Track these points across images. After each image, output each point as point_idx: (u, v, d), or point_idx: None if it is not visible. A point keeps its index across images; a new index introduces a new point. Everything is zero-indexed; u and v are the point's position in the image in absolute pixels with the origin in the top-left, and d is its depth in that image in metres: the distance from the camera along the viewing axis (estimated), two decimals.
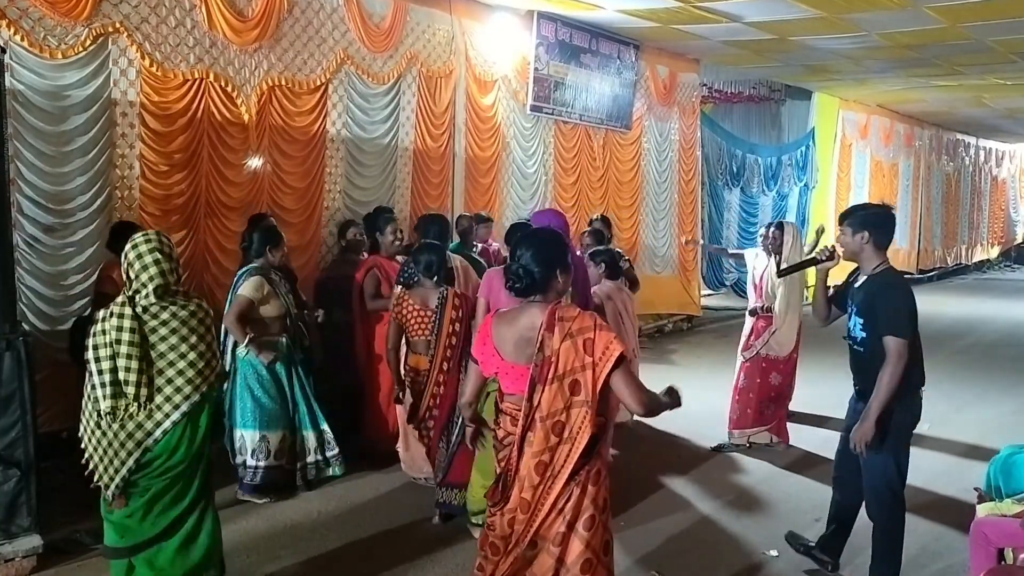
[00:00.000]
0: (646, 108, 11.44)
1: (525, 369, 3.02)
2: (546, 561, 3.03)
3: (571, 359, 2.94)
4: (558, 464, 2.99)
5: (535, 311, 3.05)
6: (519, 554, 3.05)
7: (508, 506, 3.07)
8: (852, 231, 4.10)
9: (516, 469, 3.04)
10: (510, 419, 3.11)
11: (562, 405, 2.96)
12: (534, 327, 3.01)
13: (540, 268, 3.06)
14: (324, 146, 7.43)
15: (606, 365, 2.93)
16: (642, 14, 9.32)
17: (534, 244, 3.13)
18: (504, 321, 3.14)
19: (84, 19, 5.72)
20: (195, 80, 6.39)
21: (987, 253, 25.52)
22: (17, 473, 4.26)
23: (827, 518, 4.55)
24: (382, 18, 7.81)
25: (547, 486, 3.00)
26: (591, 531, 3.03)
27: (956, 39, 10.08)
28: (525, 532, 3.03)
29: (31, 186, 5.58)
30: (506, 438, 3.12)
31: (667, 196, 12.10)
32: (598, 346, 2.94)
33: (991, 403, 8.23)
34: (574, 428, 2.97)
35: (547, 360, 2.96)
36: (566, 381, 2.95)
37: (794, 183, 15.33)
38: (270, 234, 5.49)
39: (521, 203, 9.68)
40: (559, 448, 2.99)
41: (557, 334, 2.96)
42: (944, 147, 21.77)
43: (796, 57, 11.59)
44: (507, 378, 3.12)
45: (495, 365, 3.14)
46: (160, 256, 3.52)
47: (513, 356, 3.07)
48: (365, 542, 4.80)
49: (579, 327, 2.96)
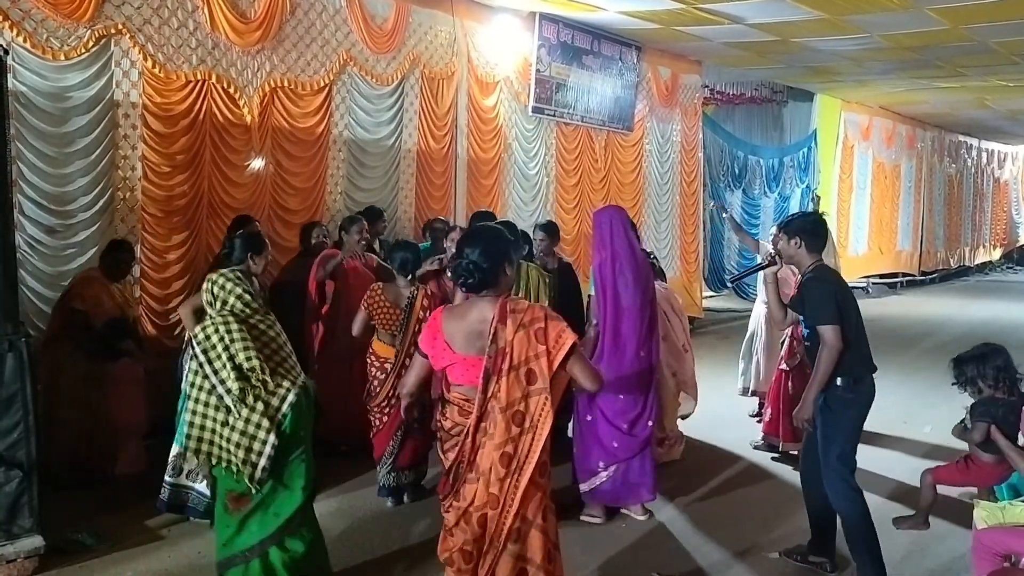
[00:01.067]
0: (648, 110, 11.44)
1: (476, 360, 3.06)
2: (507, 562, 3.04)
3: (525, 349, 3.01)
4: (522, 454, 3.03)
5: (485, 305, 3.11)
6: (496, 556, 3.03)
7: (475, 504, 3.06)
8: (787, 238, 4.42)
9: (471, 461, 3.07)
10: (458, 409, 3.15)
11: (520, 394, 3.02)
12: (485, 320, 3.07)
13: (488, 263, 3.10)
14: (327, 147, 7.43)
15: (559, 353, 3.00)
16: (644, 15, 9.31)
17: (480, 240, 3.18)
18: (454, 316, 3.18)
19: (86, 21, 5.73)
20: (197, 81, 6.40)
21: (989, 255, 25.50)
22: (19, 474, 4.26)
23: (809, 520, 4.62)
24: (384, 19, 7.82)
25: (514, 479, 3.02)
26: (546, 522, 3.10)
27: (958, 41, 10.08)
28: (499, 530, 3.03)
29: (33, 187, 5.59)
30: (454, 428, 3.16)
31: (669, 198, 12.09)
32: (550, 335, 3.01)
33: None
34: (535, 417, 3.02)
35: (500, 351, 3.02)
36: (521, 371, 3.02)
37: (796, 185, 15.32)
38: (254, 240, 5.09)
39: (523, 204, 9.68)
40: (521, 438, 3.03)
41: (510, 325, 3.02)
42: (946, 149, 21.76)
43: (798, 59, 11.59)
44: (457, 370, 3.15)
45: (447, 359, 3.16)
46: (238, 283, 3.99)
47: (464, 349, 3.11)
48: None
49: (531, 318, 3.04)
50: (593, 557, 4.66)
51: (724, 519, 5.28)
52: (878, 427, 7.36)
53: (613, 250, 5.02)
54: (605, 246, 5.06)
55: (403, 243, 5.33)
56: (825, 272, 4.39)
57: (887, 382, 9.32)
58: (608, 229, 5.06)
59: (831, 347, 4.13)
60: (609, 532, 5.00)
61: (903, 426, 7.47)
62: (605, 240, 5.06)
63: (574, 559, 4.62)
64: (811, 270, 4.37)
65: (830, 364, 4.14)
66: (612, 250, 5.02)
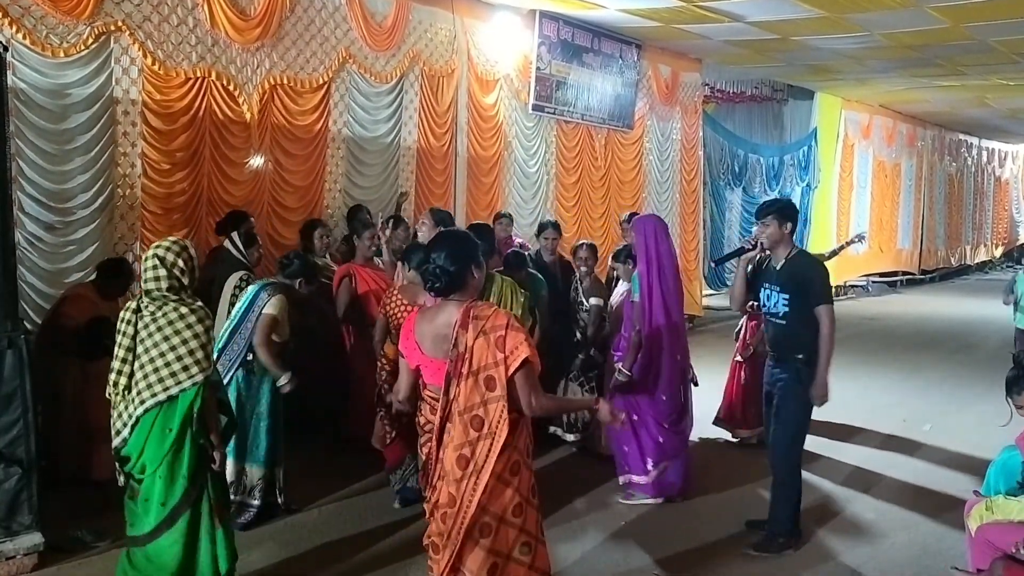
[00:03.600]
0: (648, 108, 11.43)
1: (443, 363, 3.14)
2: (479, 556, 3.09)
3: (485, 355, 3.06)
4: (480, 459, 3.07)
5: (452, 308, 3.17)
6: (453, 551, 3.09)
7: (439, 503, 3.14)
8: (778, 223, 4.65)
9: (437, 460, 3.16)
10: (430, 408, 3.30)
11: (479, 399, 3.07)
12: (450, 324, 3.13)
13: (455, 266, 3.18)
14: (326, 145, 7.43)
15: (512, 364, 3.04)
16: (644, 13, 9.31)
17: (446, 244, 3.26)
18: (425, 319, 3.26)
19: (86, 17, 5.72)
20: (197, 79, 6.39)
21: (990, 254, 25.49)
22: (19, 471, 4.27)
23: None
24: (384, 17, 7.81)
25: (471, 481, 3.08)
26: (521, 517, 3.15)
27: (959, 39, 10.07)
28: (457, 528, 3.09)
29: (33, 184, 5.58)
30: (427, 425, 3.33)
31: (669, 196, 12.09)
32: (508, 344, 3.05)
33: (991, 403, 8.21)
34: (492, 423, 3.06)
35: (460, 356, 3.08)
36: (481, 377, 3.07)
37: (796, 183, 15.32)
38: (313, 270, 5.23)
39: (523, 202, 9.67)
40: (479, 443, 3.07)
41: (471, 331, 3.07)
42: (947, 147, 21.75)
43: (798, 57, 11.58)
44: (427, 371, 3.27)
45: (416, 359, 3.27)
46: (157, 262, 3.70)
47: (432, 351, 3.20)
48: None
49: (492, 325, 3.07)
50: (592, 554, 4.66)
51: (725, 515, 5.29)
52: (877, 426, 7.39)
53: (658, 257, 5.33)
54: (650, 254, 5.36)
55: (419, 244, 5.28)
56: (815, 257, 4.79)
57: (887, 380, 9.40)
58: (653, 238, 5.37)
59: (831, 324, 4.54)
60: (608, 528, 5.01)
61: (902, 424, 7.48)
62: (650, 248, 5.37)
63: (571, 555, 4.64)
64: (798, 253, 4.75)
65: (833, 340, 4.56)
66: (657, 257, 5.34)
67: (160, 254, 3.71)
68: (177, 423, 3.65)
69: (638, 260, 5.43)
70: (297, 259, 5.23)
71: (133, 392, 3.66)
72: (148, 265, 3.71)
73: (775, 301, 4.70)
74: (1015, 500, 3.89)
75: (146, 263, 3.73)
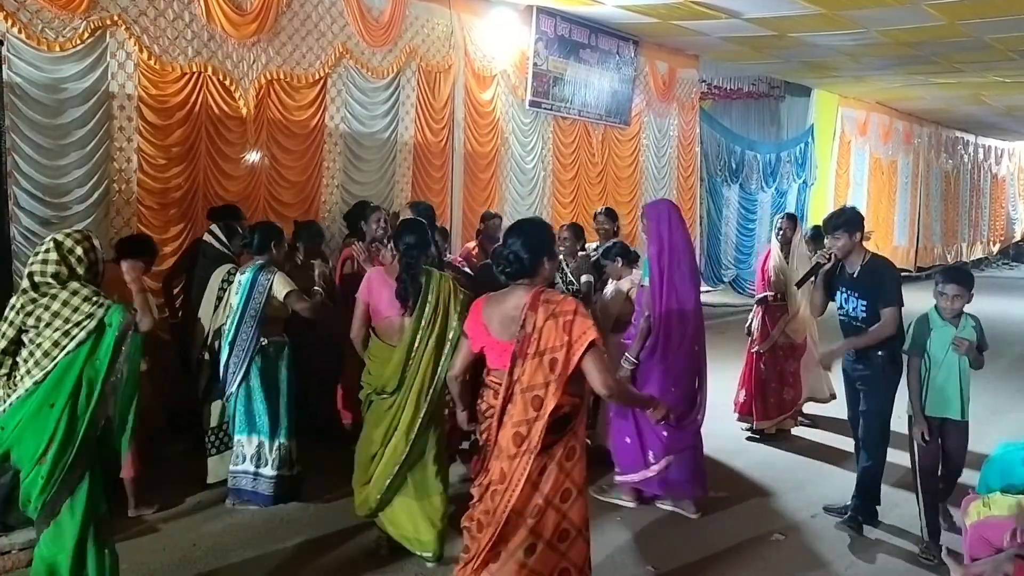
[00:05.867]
0: (645, 104, 11.44)
1: (509, 345, 3.23)
2: (521, 534, 3.18)
3: (552, 338, 3.16)
4: (533, 438, 3.16)
5: (521, 292, 3.29)
6: (497, 528, 3.17)
7: (493, 479, 3.22)
8: (848, 234, 4.89)
9: (495, 440, 3.24)
10: (492, 392, 3.33)
11: (541, 380, 3.16)
12: (519, 307, 3.24)
13: (528, 254, 3.30)
14: (323, 140, 7.42)
15: (579, 348, 3.13)
16: (641, 9, 9.31)
17: (523, 232, 3.38)
18: (493, 302, 3.37)
19: (82, 12, 5.71)
20: (193, 73, 6.38)
21: (986, 251, 25.54)
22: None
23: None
24: (381, 12, 7.80)
25: (524, 460, 3.17)
26: (568, 503, 3.24)
27: (955, 36, 10.08)
28: (504, 504, 3.17)
29: (28, 179, 5.57)
30: (488, 410, 3.33)
31: (666, 192, 12.08)
32: (576, 329, 3.14)
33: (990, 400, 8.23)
34: (547, 405, 3.15)
35: (527, 336, 3.18)
36: (546, 358, 3.16)
37: (793, 180, 15.34)
38: (274, 231, 5.26)
39: (520, 198, 9.67)
40: (535, 423, 3.16)
41: (541, 313, 3.18)
42: (943, 145, 21.78)
43: (795, 54, 11.59)
44: (492, 353, 3.35)
45: (482, 341, 3.37)
46: (52, 245, 3.49)
47: (499, 333, 3.30)
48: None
49: (562, 309, 3.19)
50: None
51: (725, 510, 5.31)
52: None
53: (671, 243, 5.07)
54: (662, 238, 5.09)
55: None
56: (889, 261, 5.11)
57: None
58: (666, 223, 5.10)
59: (890, 327, 4.76)
60: (604, 524, 5.01)
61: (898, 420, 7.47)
62: (662, 233, 5.09)
63: None
64: (873, 257, 4.99)
65: (878, 339, 4.78)
66: (670, 243, 5.07)
67: (58, 239, 3.51)
68: (63, 396, 3.37)
69: (649, 244, 5.19)
70: (254, 232, 5.23)
71: (17, 378, 3.43)
72: (41, 248, 3.51)
73: (853, 306, 4.91)
74: (1011, 496, 3.90)
75: (39, 247, 3.53)
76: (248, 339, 4.99)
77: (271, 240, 5.16)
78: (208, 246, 5.67)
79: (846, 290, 4.97)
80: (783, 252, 6.77)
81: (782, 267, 6.73)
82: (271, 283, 4.98)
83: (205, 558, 4.45)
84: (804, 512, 5.27)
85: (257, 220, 6.68)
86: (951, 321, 4.68)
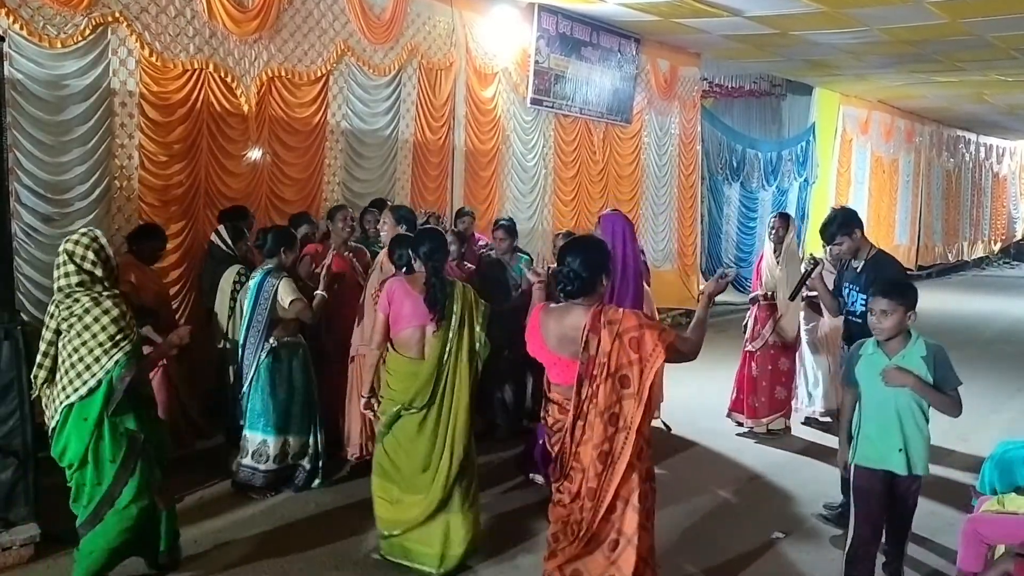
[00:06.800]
0: (646, 102, 11.43)
1: (570, 362, 3.36)
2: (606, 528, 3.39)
3: (620, 357, 3.27)
4: (617, 451, 3.33)
5: (579, 312, 3.36)
6: (588, 532, 3.37)
7: (581, 492, 3.38)
8: (848, 236, 4.80)
9: (572, 454, 3.39)
10: (558, 408, 3.47)
11: (616, 399, 3.30)
12: (578, 327, 3.32)
13: (587, 272, 3.39)
14: (324, 137, 7.42)
15: (652, 365, 3.27)
16: (643, 7, 9.30)
17: (582, 251, 3.46)
18: (551, 317, 3.47)
19: (83, 8, 5.71)
20: (195, 70, 6.38)
21: (987, 250, 25.52)
22: (15, 462, 4.27)
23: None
24: (382, 9, 7.80)
25: (610, 471, 3.33)
26: (643, 502, 3.40)
27: (957, 35, 10.07)
28: (593, 518, 3.36)
29: (30, 175, 5.57)
30: (555, 424, 3.48)
31: (667, 190, 12.10)
32: (646, 345, 3.26)
33: (988, 399, 8.24)
34: (627, 417, 3.31)
35: (592, 359, 3.29)
36: (617, 376, 3.29)
37: (794, 178, 15.33)
38: (286, 236, 5.34)
39: (520, 196, 9.67)
40: (616, 436, 3.33)
41: (606, 336, 3.27)
42: (944, 143, 21.76)
43: (797, 52, 11.58)
44: (554, 369, 3.48)
45: (542, 355, 3.50)
46: (66, 258, 3.70)
47: (557, 349, 3.42)
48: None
49: (625, 327, 3.28)
50: None
51: (728, 505, 5.33)
52: None
53: (623, 259, 5.07)
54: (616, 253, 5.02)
55: (402, 237, 5.28)
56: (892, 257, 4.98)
57: None
58: (621, 238, 5.12)
59: None
60: None
61: None
62: (616, 248, 5.05)
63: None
64: (877, 252, 4.88)
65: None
66: (623, 259, 5.06)
67: (69, 248, 3.71)
68: (94, 413, 3.70)
69: None
70: (265, 234, 5.38)
71: (57, 388, 3.71)
72: (58, 261, 3.71)
73: (854, 300, 4.82)
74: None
75: (56, 260, 3.73)
76: (257, 341, 5.09)
77: (281, 245, 5.23)
78: (216, 248, 5.86)
79: (849, 284, 4.91)
80: (775, 252, 6.82)
81: (772, 266, 6.80)
82: (276, 288, 5.05)
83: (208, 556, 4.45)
84: (804, 511, 5.27)
85: (259, 217, 6.73)
86: (888, 346, 3.78)
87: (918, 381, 3.69)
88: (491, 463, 5.83)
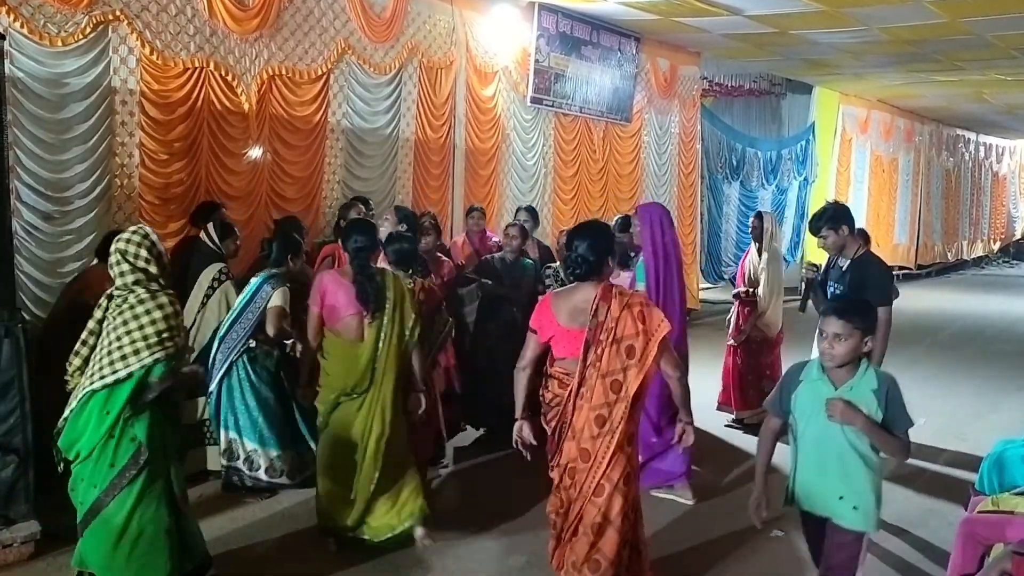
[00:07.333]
0: (646, 101, 11.44)
1: (579, 332, 3.54)
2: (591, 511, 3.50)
3: (628, 326, 3.48)
4: (615, 420, 3.47)
5: (589, 288, 3.61)
6: (584, 503, 3.49)
7: (569, 458, 3.52)
8: (834, 231, 4.85)
9: (570, 423, 3.53)
10: (558, 383, 3.63)
11: (619, 366, 3.46)
12: (588, 299, 3.56)
13: (594, 256, 3.62)
14: (324, 136, 7.43)
15: (659, 336, 3.47)
16: (643, 6, 9.31)
17: (588, 236, 3.69)
18: (560, 297, 3.72)
19: (84, 6, 5.71)
20: (195, 69, 6.38)
21: (987, 249, 25.53)
22: (15, 459, 4.28)
23: None
24: (383, 8, 7.80)
25: (606, 440, 3.47)
26: (628, 487, 3.53)
27: (956, 34, 10.08)
28: (589, 480, 3.49)
29: (30, 173, 5.57)
30: (553, 400, 3.63)
31: (667, 189, 12.10)
32: (652, 319, 3.49)
33: (987, 398, 8.26)
34: (629, 388, 3.46)
35: (601, 325, 3.49)
36: (623, 345, 3.47)
37: (794, 177, 15.34)
38: (291, 243, 5.35)
39: (520, 195, 9.67)
40: (616, 405, 3.47)
41: (616, 304, 3.51)
42: (944, 143, 21.77)
43: (797, 51, 11.58)
44: (562, 342, 3.62)
45: (551, 331, 3.64)
46: (119, 257, 3.66)
47: (568, 322, 3.60)
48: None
49: (635, 301, 3.55)
50: None
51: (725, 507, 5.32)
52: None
53: (664, 248, 5.29)
54: (656, 242, 5.31)
55: (399, 236, 5.31)
56: (878, 257, 4.99)
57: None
58: (659, 226, 5.32)
59: (887, 325, 4.55)
60: None
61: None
62: (656, 236, 5.31)
63: None
64: (864, 252, 4.92)
65: (886, 344, 4.58)
66: (664, 247, 5.29)
67: (121, 247, 3.66)
68: (117, 407, 3.57)
69: (643, 249, 5.36)
70: (271, 243, 5.41)
71: (86, 376, 3.62)
72: (112, 261, 3.68)
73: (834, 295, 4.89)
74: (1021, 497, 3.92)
75: (111, 259, 3.69)
76: (238, 339, 5.09)
77: (288, 253, 5.27)
78: (203, 244, 5.70)
79: (834, 283, 4.94)
80: (757, 249, 7.08)
81: (756, 264, 7.04)
82: (270, 296, 5.06)
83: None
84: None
85: (258, 216, 6.74)
86: (835, 374, 3.17)
87: (867, 422, 3.08)
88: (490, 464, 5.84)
